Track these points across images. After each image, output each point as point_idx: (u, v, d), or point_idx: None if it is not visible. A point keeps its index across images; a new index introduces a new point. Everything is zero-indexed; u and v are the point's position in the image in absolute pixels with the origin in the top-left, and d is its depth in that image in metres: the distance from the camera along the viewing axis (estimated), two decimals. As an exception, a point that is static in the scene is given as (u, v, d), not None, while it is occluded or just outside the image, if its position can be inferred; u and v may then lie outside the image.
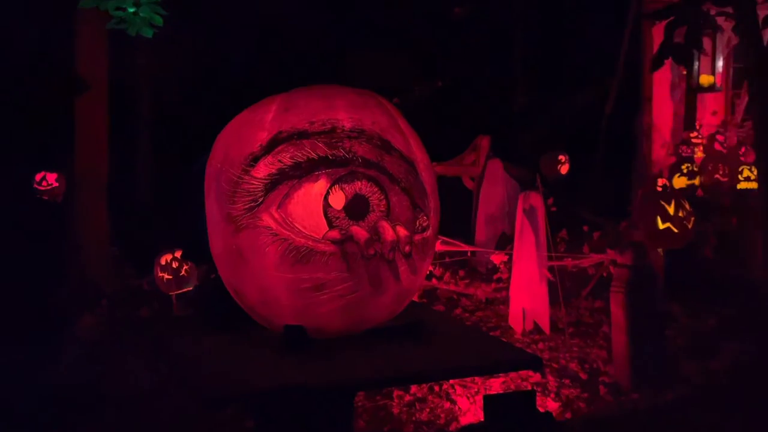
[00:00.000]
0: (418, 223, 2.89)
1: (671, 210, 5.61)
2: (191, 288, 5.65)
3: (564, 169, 9.48)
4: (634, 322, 4.85)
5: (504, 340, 5.08)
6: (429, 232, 2.93)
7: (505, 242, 7.39)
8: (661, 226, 5.60)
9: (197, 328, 3.27)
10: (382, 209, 2.79)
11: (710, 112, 9.86)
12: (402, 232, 2.76)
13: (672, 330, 5.67)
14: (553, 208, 7.43)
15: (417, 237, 2.86)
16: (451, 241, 6.87)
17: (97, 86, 6.99)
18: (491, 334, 5.60)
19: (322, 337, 2.84)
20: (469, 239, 7.96)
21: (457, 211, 7.60)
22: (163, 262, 5.64)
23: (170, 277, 5.61)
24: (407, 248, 2.77)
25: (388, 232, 2.72)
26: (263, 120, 2.82)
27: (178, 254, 5.61)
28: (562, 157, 9.48)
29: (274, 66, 10.87)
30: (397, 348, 2.88)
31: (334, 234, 2.69)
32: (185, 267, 5.62)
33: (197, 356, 2.89)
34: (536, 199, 5.65)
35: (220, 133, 3.02)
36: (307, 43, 11.27)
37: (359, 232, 2.70)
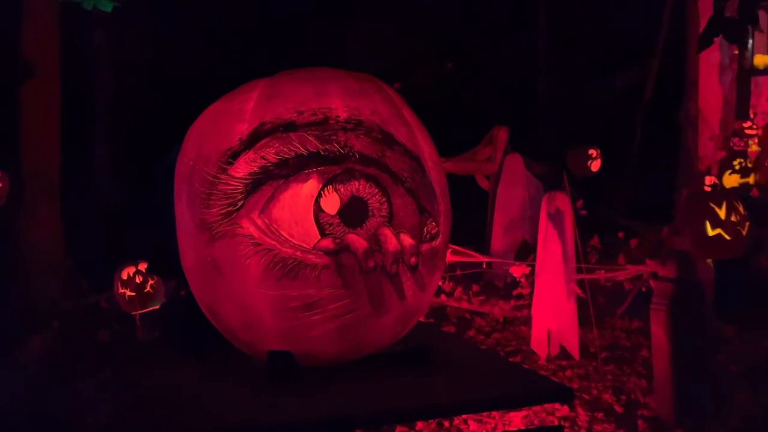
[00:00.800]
0: (425, 230, 2.88)
1: (722, 213, 5.61)
2: (157, 307, 5.65)
3: (595, 166, 9.49)
4: (678, 346, 4.84)
5: (526, 366, 5.07)
6: (439, 241, 2.92)
7: (526, 252, 7.40)
8: (711, 232, 5.61)
9: (165, 354, 3.26)
10: (384, 214, 2.78)
11: (766, 98, 9.87)
12: (407, 240, 2.75)
13: (724, 355, 5.66)
14: (583, 212, 7.45)
15: (424, 247, 2.85)
16: (462, 250, 6.88)
17: (47, 72, 7.00)
18: (511, 359, 5.60)
19: (313, 365, 2.83)
20: (484, 248, 7.96)
21: (469, 216, 7.60)
22: (124, 277, 5.64)
23: (133, 294, 5.61)
24: (413, 260, 2.76)
25: (391, 240, 2.71)
26: (243, 109, 2.81)
27: (142, 267, 5.61)
28: (593, 152, 9.49)
29: (254, 45, 10.87)
30: (402, 377, 2.87)
31: (327, 243, 2.68)
32: (150, 282, 5.62)
33: (164, 387, 2.88)
34: (563, 201, 5.64)
35: (191, 125, 3.01)
36: (292, 18, 11.28)
37: (357, 241, 2.69)
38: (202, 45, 11.21)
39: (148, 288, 5.59)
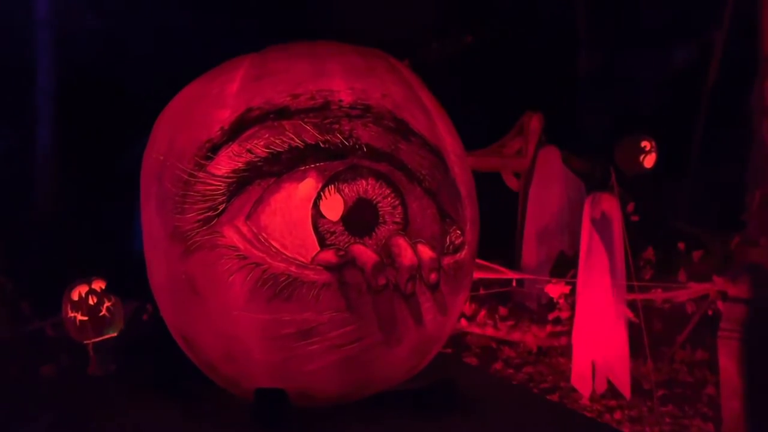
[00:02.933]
0: (448, 239, 2.89)
1: (807, 219, 5.61)
2: (115, 334, 5.65)
3: (649, 161, 9.49)
4: (753, 381, 4.84)
5: (566, 406, 5.07)
6: (464, 253, 2.92)
7: (565, 266, 7.40)
8: (793, 242, 5.60)
9: (124, 392, 3.26)
10: (397, 220, 2.78)
11: None
12: (425, 253, 2.75)
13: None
14: (635, 217, 7.44)
15: (447, 260, 2.85)
16: (487, 264, 6.87)
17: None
18: (547, 398, 5.60)
19: (310, 406, 2.83)
20: (513, 262, 7.96)
21: (496, 222, 7.60)
22: (75, 297, 5.63)
23: (85, 318, 5.59)
24: (433, 276, 2.76)
25: (406, 253, 2.71)
26: (224, 92, 2.82)
27: (97, 286, 5.60)
28: (646, 144, 9.49)
29: (235, 12, 10.88)
30: (418, 421, 2.87)
31: (328, 256, 2.68)
32: (107, 304, 5.60)
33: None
34: (610, 204, 5.65)
35: (162, 111, 3.02)
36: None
37: (364, 253, 2.69)
38: (172, 13, 11.20)
39: (103, 311, 5.57)
